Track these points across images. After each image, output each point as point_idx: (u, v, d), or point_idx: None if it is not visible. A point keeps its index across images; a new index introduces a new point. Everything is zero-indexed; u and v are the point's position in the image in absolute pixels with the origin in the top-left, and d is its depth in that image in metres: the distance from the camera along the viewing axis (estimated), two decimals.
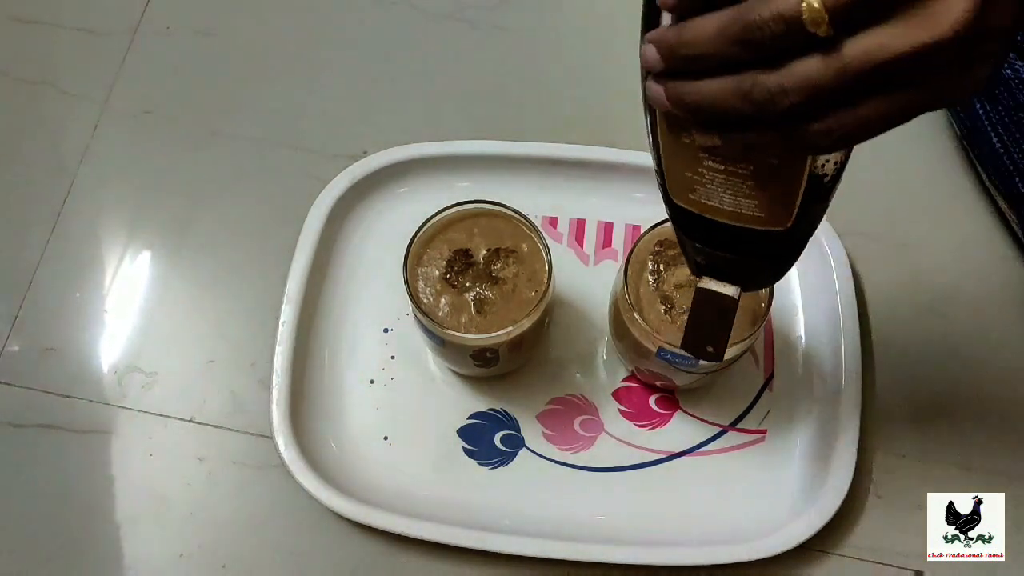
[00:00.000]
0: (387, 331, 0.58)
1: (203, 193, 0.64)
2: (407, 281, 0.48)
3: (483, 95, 0.67)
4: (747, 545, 0.50)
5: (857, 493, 0.53)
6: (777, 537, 0.50)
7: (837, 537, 0.53)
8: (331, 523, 0.53)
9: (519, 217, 0.50)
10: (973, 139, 0.60)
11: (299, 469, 0.52)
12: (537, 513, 0.53)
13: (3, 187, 0.65)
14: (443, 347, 0.49)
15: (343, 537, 0.53)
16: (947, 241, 0.62)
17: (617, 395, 0.56)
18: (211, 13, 0.70)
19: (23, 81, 0.68)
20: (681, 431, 0.55)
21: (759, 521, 0.52)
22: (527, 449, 0.55)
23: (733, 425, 0.56)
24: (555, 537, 0.51)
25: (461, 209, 0.50)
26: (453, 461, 0.55)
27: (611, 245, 0.61)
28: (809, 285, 0.58)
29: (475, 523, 0.52)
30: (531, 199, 0.58)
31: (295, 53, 0.69)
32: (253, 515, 0.55)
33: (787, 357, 0.57)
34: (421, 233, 0.50)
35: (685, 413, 0.56)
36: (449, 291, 0.49)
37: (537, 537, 0.51)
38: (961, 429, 0.56)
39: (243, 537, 0.54)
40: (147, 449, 0.56)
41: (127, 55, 0.68)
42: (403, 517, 0.51)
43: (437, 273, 0.50)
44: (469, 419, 0.56)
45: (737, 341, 0.46)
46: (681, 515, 0.53)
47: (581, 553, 0.50)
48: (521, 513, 0.53)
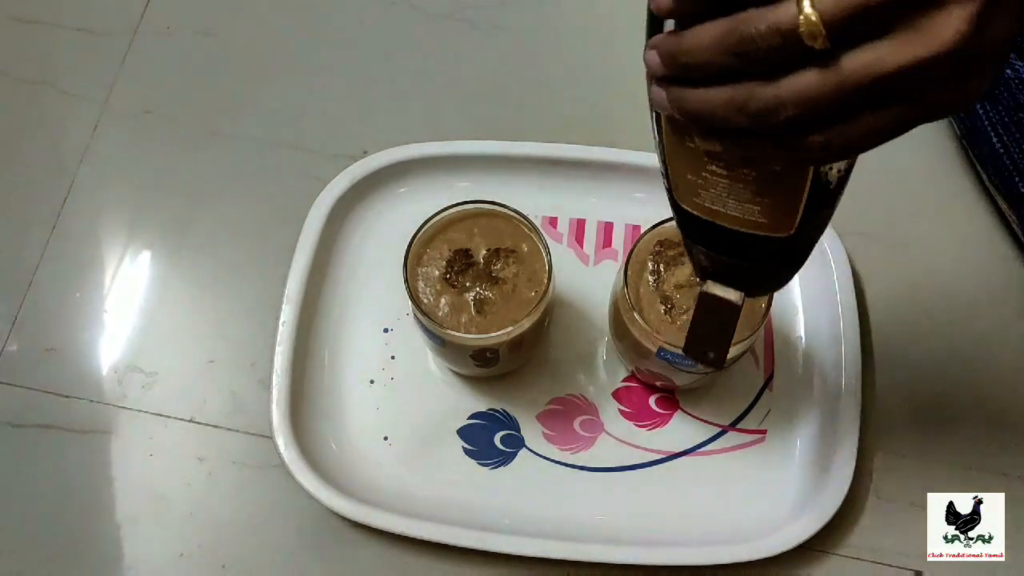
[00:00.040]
0: (387, 331, 0.58)
1: (203, 193, 0.64)
2: (407, 281, 0.48)
3: (483, 95, 0.67)
4: (747, 545, 0.50)
5: (857, 493, 0.53)
6: (777, 537, 0.50)
7: (837, 537, 0.53)
8: (331, 523, 0.53)
9: (519, 217, 0.50)
10: (973, 139, 0.60)
11: (299, 469, 0.52)
12: (537, 513, 0.53)
13: (3, 187, 0.65)
14: (443, 347, 0.49)
15: (343, 537, 0.53)
16: (947, 241, 0.62)
17: (617, 395, 0.56)
18: (211, 13, 0.70)
19: (23, 81, 0.68)
20: (681, 431, 0.55)
21: (759, 521, 0.52)
22: (527, 449, 0.55)
23: (733, 425, 0.56)
24: (555, 537, 0.51)
25: (461, 209, 0.50)
26: (453, 461, 0.55)
27: (611, 245, 0.61)
28: (809, 285, 0.58)
29: (475, 523, 0.52)
30: (531, 199, 0.58)
31: (295, 53, 0.69)
32: (253, 515, 0.55)
33: (787, 357, 0.57)
34: (421, 233, 0.50)
35: (685, 413, 0.56)
36: (449, 291, 0.49)
37: (537, 537, 0.51)
38: (961, 429, 0.56)
39: (243, 537, 0.54)
40: (147, 449, 0.56)
41: (127, 55, 0.68)
42: (403, 517, 0.51)
43: (437, 273, 0.50)
44: (469, 419, 0.56)
45: (737, 341, 0.45)
46: (681, 515, 0.53)
47: (581, 553, 0.50)
48: (521, 513, 0.53)
